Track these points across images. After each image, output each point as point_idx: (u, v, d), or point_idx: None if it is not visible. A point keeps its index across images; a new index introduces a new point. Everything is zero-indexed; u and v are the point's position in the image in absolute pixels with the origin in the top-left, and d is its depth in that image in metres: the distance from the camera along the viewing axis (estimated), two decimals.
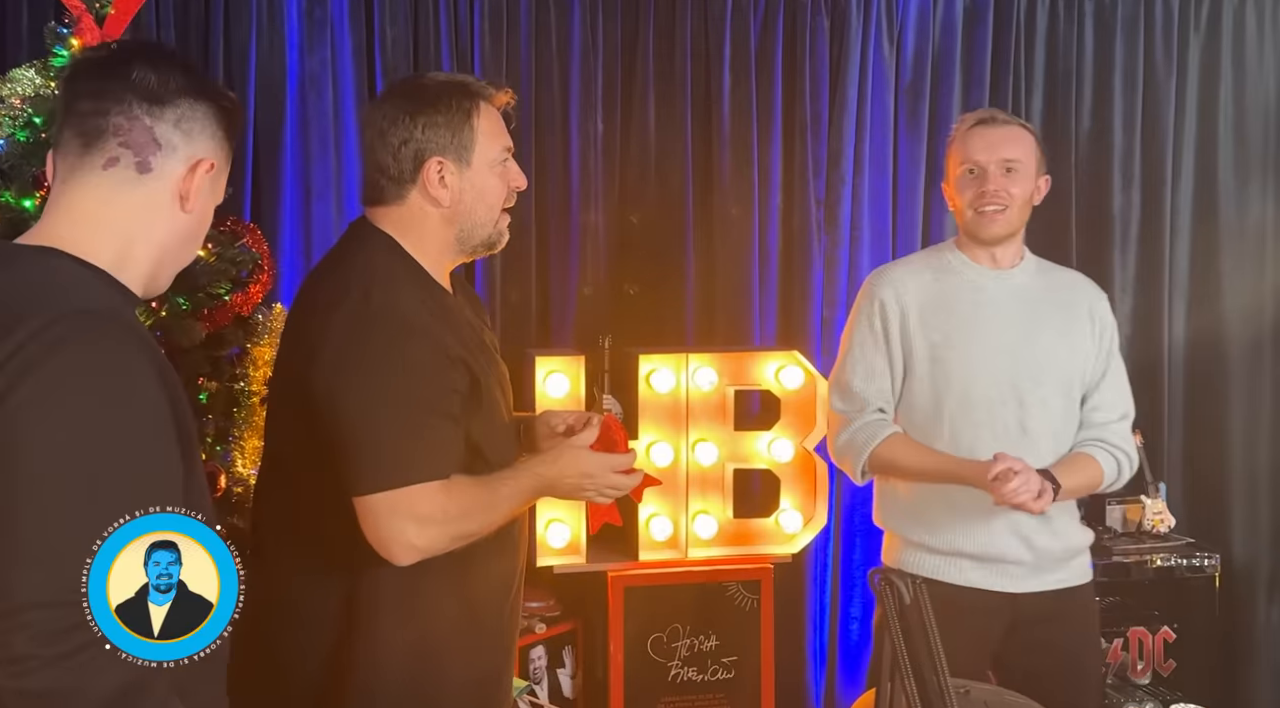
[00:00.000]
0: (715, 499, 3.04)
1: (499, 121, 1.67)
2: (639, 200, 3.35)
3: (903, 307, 2.21)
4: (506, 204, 1.69)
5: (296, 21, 3.11)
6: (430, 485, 1.50)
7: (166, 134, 1.22)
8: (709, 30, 3.33)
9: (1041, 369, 2.17)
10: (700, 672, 2.99)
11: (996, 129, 2.18)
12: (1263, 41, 3.56)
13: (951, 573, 2.17)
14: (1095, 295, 2.29)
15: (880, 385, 2.23)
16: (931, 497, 2.19)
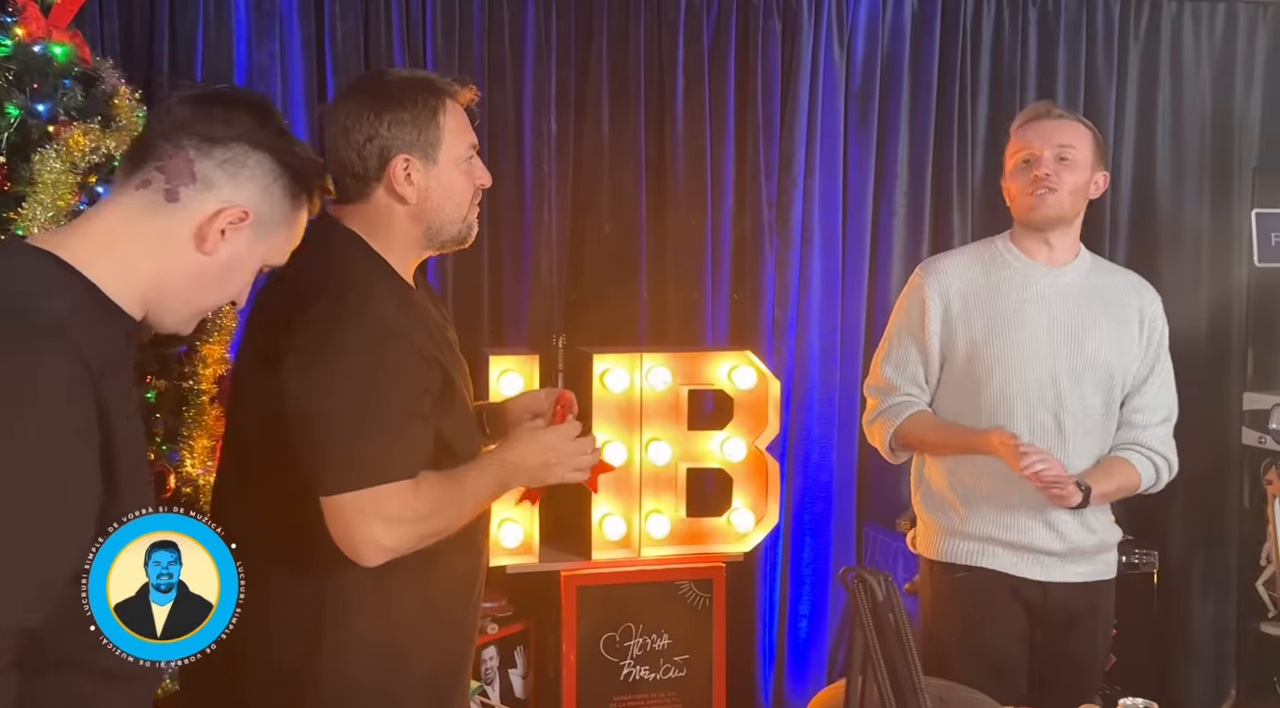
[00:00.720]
0: (668, 498, 3.05)
1: (464, 119, 1.66)
2: (593, 200, 3.35)
3: (946, 298, 2.23)
4: (474, 200, 1.68)
5: (244, 13, 3.06)
6: (399, 485, 1.49)
7: (207, 171, 1.22)
8: (662, 31, 3.34)
9: (1083, 368, 2.18)
10: (652, 670, 3.00)
11: (1052, 121, 2.21)
12: (1199, 49, 3.66)
13: (986, 559, 2.21)
14: (1148, 297, 2.29)
15: (912, 373, 2.27)
16: (966, 487, 2.23)
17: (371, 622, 1.58)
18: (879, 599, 0.97)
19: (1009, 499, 2.18)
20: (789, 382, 3.48)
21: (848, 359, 3.56)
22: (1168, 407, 2.28)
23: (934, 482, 2.30)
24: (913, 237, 3.56)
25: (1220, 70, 3.67)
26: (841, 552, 3.58)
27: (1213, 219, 3.67)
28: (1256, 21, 3.67)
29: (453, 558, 1.64)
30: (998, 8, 3.56)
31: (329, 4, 3.11)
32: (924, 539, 2.33)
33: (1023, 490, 2.15)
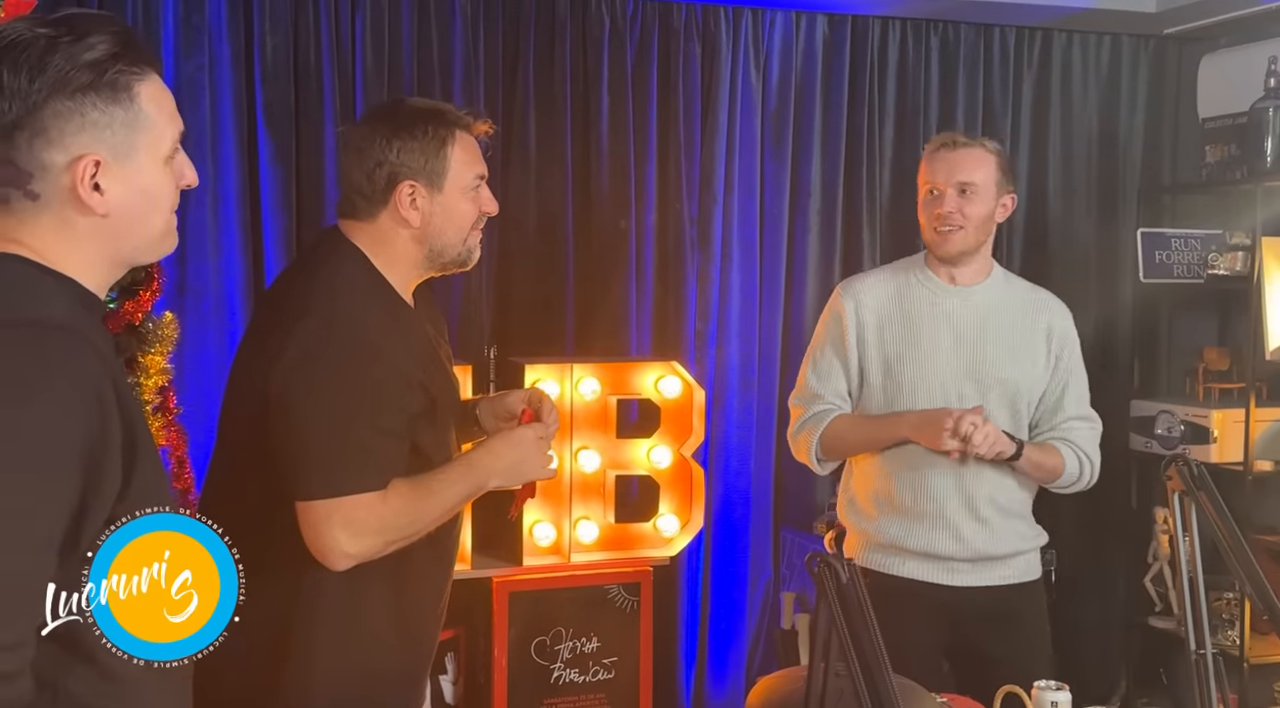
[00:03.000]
0: (596, 505, 3.14)
1: (474, 149, 1.75)
2: (520, 215, 3.42)
3: (861, 318, 2.32)
4: (476, 226, 1.77)
5: (172, 26, 3.05)
6: (367, 496, 1.57)
7: (27, 157, 1.12)
8: (587, 51, 3.44)
9: (988, 384, 2.25)
10: (582, 673, 3.07)
11: (955, 152, 2.26)
12: (1086, 76, 3.91)
13: (895, 566, 2.30)
14: (1057, 313, 2.35)
15: (835, 385, 2.36)
16: (878, 496, 2.32)
17: (342, 622, 1.64)
18: (843, 582, 1.07)
19: (915, 508, 2.27)
20: (710, 391, 3.59)
21: (765, 369, 3.70)
22: (1091, 415, 2.35)
23: (854, 490, 2.40)
24: (825, 252, 3.72)
25: (1106, 98, 3.93)
26: (760, 555, 3.72)
27: (1100, 238, 3.92)
28: (1139, 53, 3.94)
29: (425, 567, 1.71)
30: (902, 36, 3.75)
31: (258, 19, 3.12)
32: (847, 545, 2.42)
33: (934, 499, 2.24)
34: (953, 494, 2.27)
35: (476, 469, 1.68)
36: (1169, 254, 3.58)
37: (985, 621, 2.30)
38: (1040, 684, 1.76)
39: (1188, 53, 3.89)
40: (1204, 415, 3.40)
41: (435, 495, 1.63)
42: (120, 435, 1.10)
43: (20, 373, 1.05)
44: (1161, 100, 3.96)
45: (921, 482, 2.26)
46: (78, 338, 1.10)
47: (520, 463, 1.71)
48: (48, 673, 1.08)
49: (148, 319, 2.26)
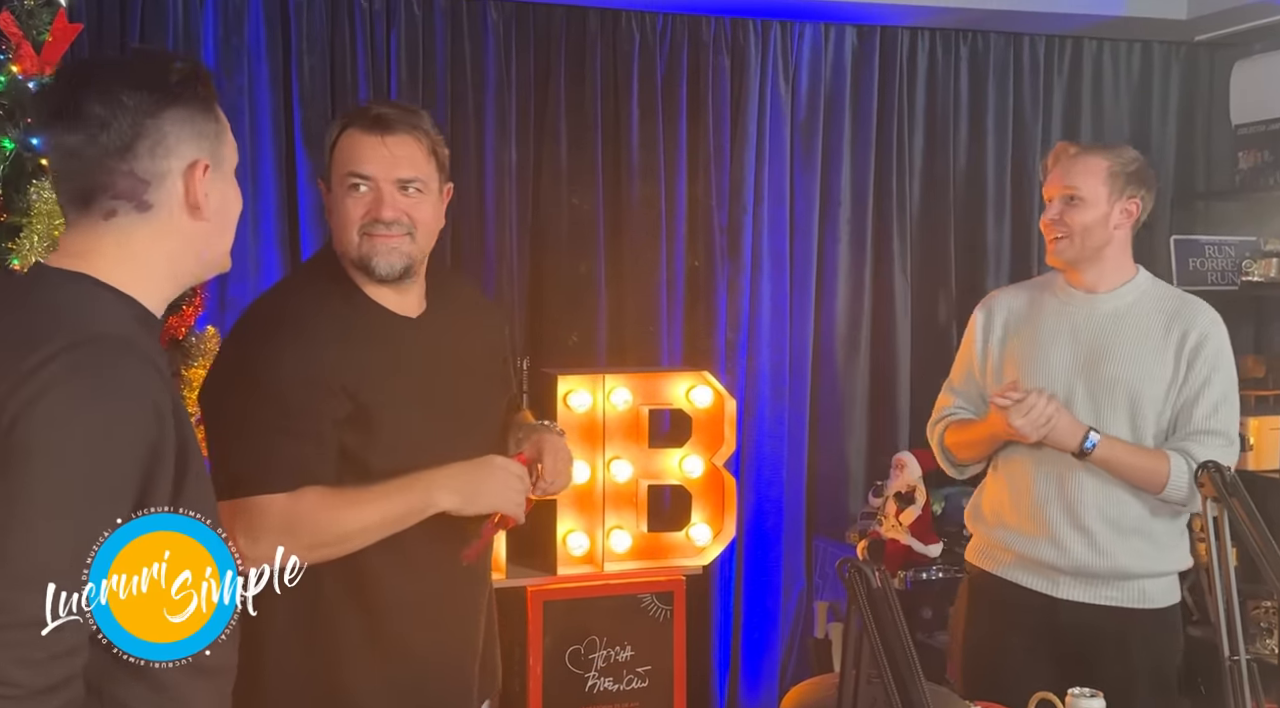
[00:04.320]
0: (629, 514, 3.16)
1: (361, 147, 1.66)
2: (552, 227, 3.47)
3: (991, 325, 2.35)
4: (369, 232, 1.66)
5: (213, 48, 3.13)
6: (263, 498, 1.55)
7: (148, 167, 1.20)
8: (618, 66, 3.48)
9: (1101, 392, 2.21)
10: (616, 682, 3.10)
11: (1066, 162, 2.26)
12: (1118, 84, 3.90)
13: (998, 566, 2.29)
14: (1198, 322, 2.23)
15: (966, 391, 2.38)
16: (993, 501, 2.32)
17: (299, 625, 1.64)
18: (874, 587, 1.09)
19: (1020, 510, 2.25)
20: (741, 400, 3.61)
21: (796, 378, 3.71)
22: (1225, 432, 2.19)
23: (980, 499, 2.40)
24: (855, 261, 3.74)
25: (1138, 106, 3.92)
26: (793, 565, 3.73)
27: (1134, 245, 3.87)
28: (1170, 60, 3.93)
29: (382, 575, 1.66)
30: (931, 45, 3.76)
31: (296, 39, 3.19)
32: (969, 548, 2.42)
33: (1036, 503, 2.21)
34: (1054, 500, 2.21)
35: (423, 485, 1.61)
36: (1203, 261, 3.56)
37: (1091, 641, 2.21)
38: (1075, 692, 1.77)
39: (1220, 59, 3.88)
40: (1240, 423, 3.36)
41: (362, 505, 1.59)
42: (174, 447, 1.14)
43: (86, 383, 1.11)
44: (1194, 107, 3.94)
45: (1027, 486, 2.24)
46: (137, 352, 1.16)
47: (479, 489, 1.63)
48: (94, 679, 1.12)
49: (190, 334, 2.32)
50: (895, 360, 3.77)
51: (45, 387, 1.10)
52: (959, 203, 3.83)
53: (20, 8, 2.15)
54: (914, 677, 1.03)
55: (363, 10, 3.24)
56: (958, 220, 3.83)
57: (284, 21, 3.19)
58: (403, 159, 1.65)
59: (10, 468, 1.08)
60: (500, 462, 1.68)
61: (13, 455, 1.08)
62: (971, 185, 3.83)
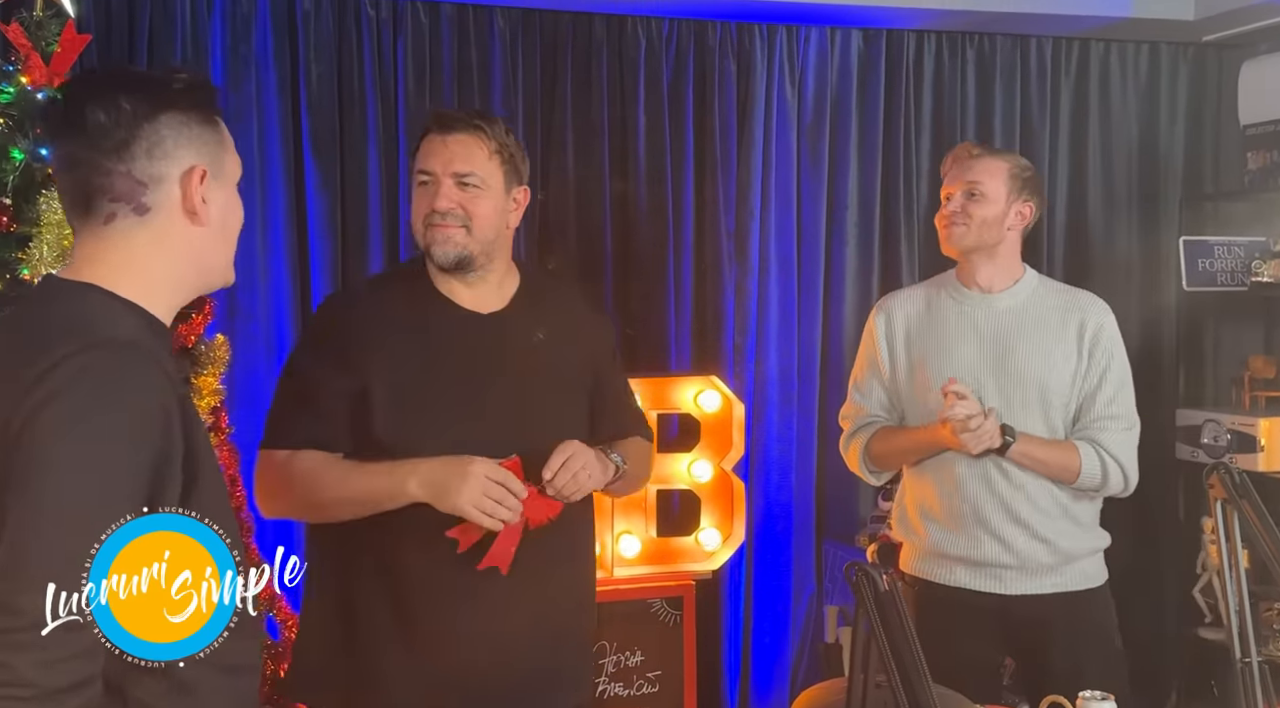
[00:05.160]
0: (638, 519, 3.17)
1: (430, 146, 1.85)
2: (560, 233, 3.47)
3: (891, 329, 2.39)
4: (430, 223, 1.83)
5: (221, 57, 3.14)
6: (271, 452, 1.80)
7: (146, 169, 1.23)
8: (624, 71, 3.49)
9: (1010, 388, 2.27)
10: (626, 687, 3.09)
11: (968, 161, 2.36)
12: (1125, 85, 3.89)
13: (944, 575, 2.32)
14: (1092, 310, 2.33)
15: (876, 397, 2.41)
16: (923, 505, 2.35)
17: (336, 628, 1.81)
18: (881, 590, 1.09)
19: (953, 513, 2.28)
20: (749, 405, 3.60)
21: (804, 382, 3.71)
22: (1126, 416, 2.30)
23: (905, 503, 2.42)
24: (863, 265, 3.73)
25: (1146, 107, 3.90)
26: (802, 569, 3.72)
27: (1143, 247, 3.89)
28: (1178, 61, 3.92)
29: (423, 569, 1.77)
30: (938, 48, 3.76)
31: (303, 48, 3.20)
32: (903, 557, 2.45)
33: (970, 504, 2.25)
34: (987, 498, 2.27)
35: (402, 472, 1.69)
36: (1212, 262, 3.55)
37: (1043, 630, 2.28)
38: (1085, 695, 1.76)
39: (1228, 59, 3.86)
40: (1251, 424, 3.36)
41: (346, 477, 1.72)
42: (182, 450, 1.16)
43: (96, 386, 1.13)
44: (1202, 108, 3.93)
45: (955, 487, 2.28)
46: (145, 356, 1.18)
47: (447, 487, 1.66)
48: (114, 678, 1.13)
49: (200, 342, 2.33)
50: None
51: (52, 394, 1.11)
52: None
53: (29, 19, 2.17)
54: (922, 679, 1.03)
55: (370, 18, 3.25)
56: None
57: (291, 30, 3.20)
58: (459, 155, 1.79)
59: (22, 475, 1.09)
60: (477, 466, 1.68)
61: (23, 463, 1.10)
62: None
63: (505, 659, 1.81)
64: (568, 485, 1.74)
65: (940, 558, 2.32)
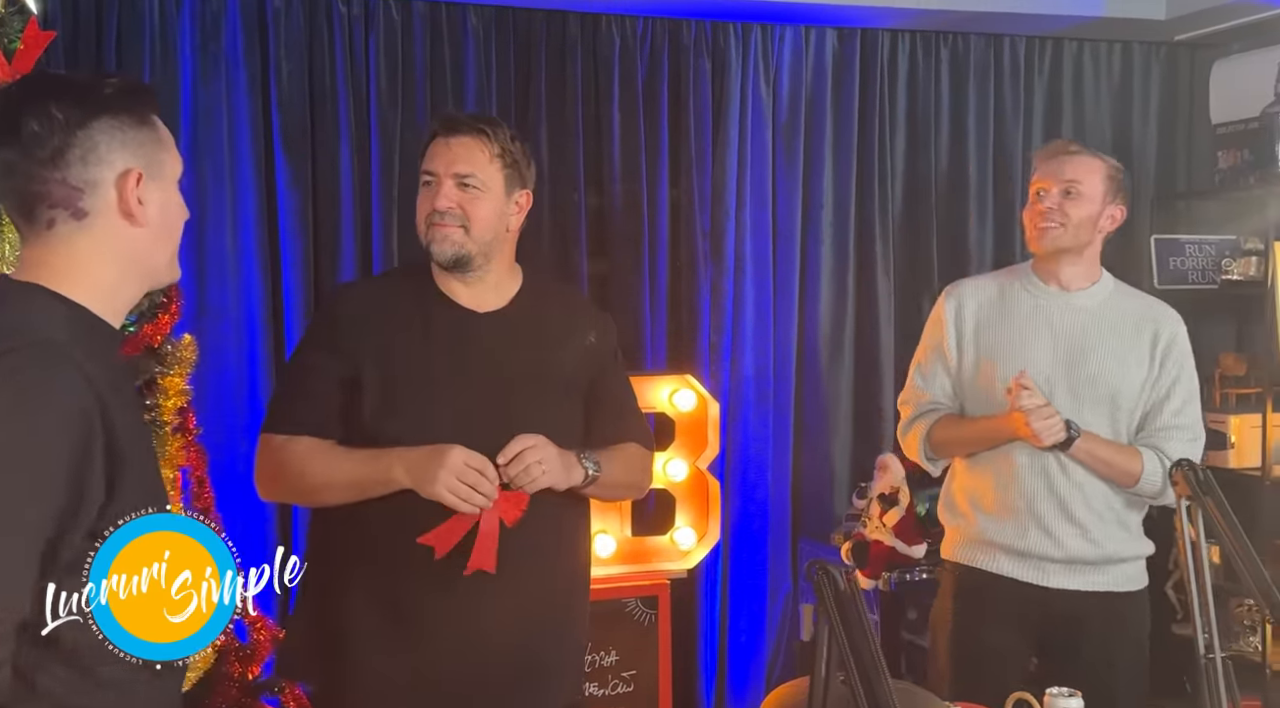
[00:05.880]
0: (613, 519, 3.16)
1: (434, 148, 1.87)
2: (532, 232, 3.45)
3: (961, 318, 2.34)
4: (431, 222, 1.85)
5: (190, 55, 3.12)
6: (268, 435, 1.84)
7: (81, 175, 1.24)
8: (598, 69, 3.48)
9: (1082, 388, 2.25)
10: (601, 687, 3.09)
11: (1066, 157, 2.29)
12: (1098, 84, 3.91)
13: (987, 562, 2.30)
14: (1166, 320, 2.32)
15: (940, 384, 2.37)
16: (973, 494, 2.33)
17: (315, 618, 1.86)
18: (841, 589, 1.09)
19: (1008, 504, 2.27)
20: (725, 403, 3.61)
21: (780, 380, 3.71)
22: (1192, 427, 2.30)
23: (953, 492, 2.41)
24: (839, 263, 3.74)
25: (1118, 106, 3.93)
26: (778, 568, 3.72)
27: (1115, 245, 3.87)
28: (1151, 60, 3.94)
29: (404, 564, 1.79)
30: (912, 48, 3.76)
31: (274, 45, 3.18)
32: (944, 543, 2.44)
33: (1025, 498, 2.24)
34: (1044, 493, 2.25)
35: (389, 459, 1.75)
36: (1183, 260, 3.57)
37: (1079, 626, 2.28)
38: (1053, 691, 1.76)
39: (1199, 59, 3.89)
40: (1222, 421, 3.38)
41: (335, 462, 1.78)
42: (103, 451, 1.16)
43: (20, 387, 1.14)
44: (1175, 107, 3.96)
45: (1013, 479, 2.26)
46: (64, 359, 1.18)
47: (427, 474, 1.71)
48: (24, 667, 1.13)
49: (166, 341, 2.30)
50: (879, 362, 3.77)
51: None
52: (941, 205, 3.83)
53: None
54: (880, 676, 1.03)
55: (341, 15, 3.23)
56: (940, 222, 3.83)
57: (261, 28, 3.18)
58: (461, 157, 1.83)
59: None
60: (456, 452, 1.71)
61: None
62: (953, 187, 3.84)
63: (493, 658, 1.82)
64: (520, 476, 1.75)
65: (985, 545, 2.31)
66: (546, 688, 1.90)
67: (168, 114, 3.01)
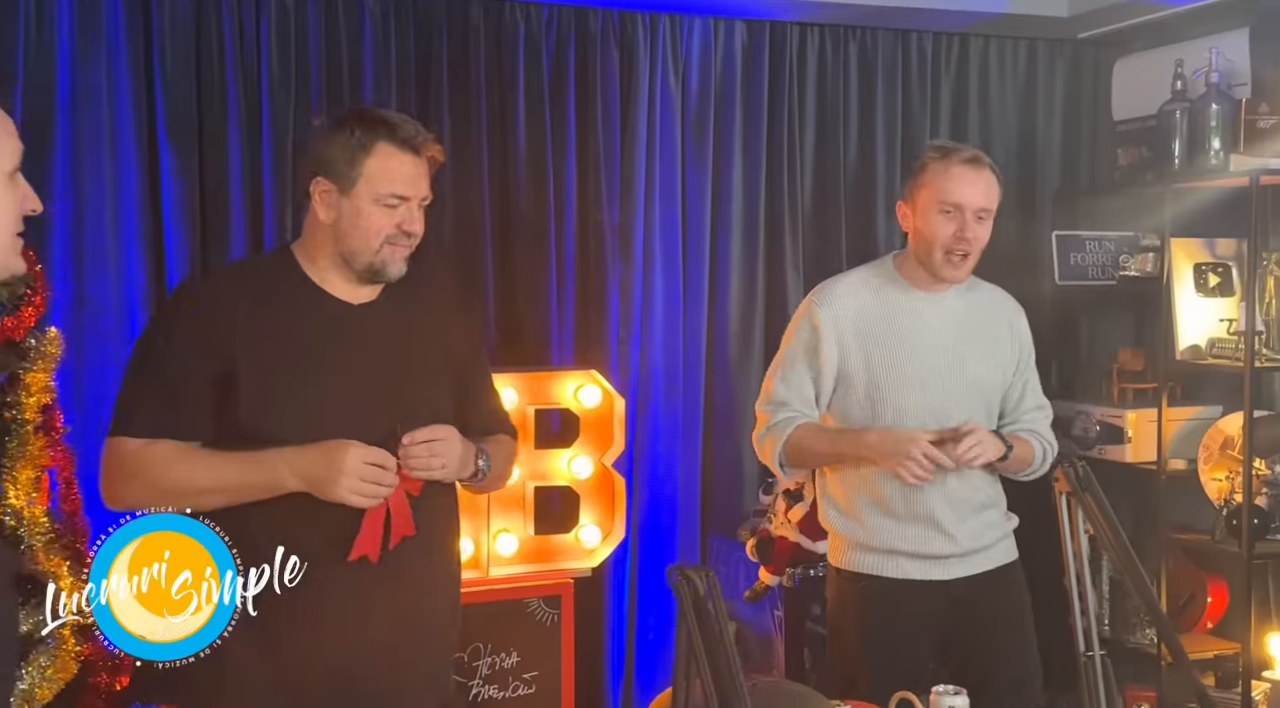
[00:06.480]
0: (516, 517, 3.09)
1: (403, 167, 1.78)
2: (435, 223, 3.36)
3: (839, 327, 2.28)
4: (393, 242, 1.79)
5: (68, 33, 2.97)
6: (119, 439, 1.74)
7: None
8: (503, 58, 3.40)
9: (967, 390, 2.29)
10: (501, 688, 3.02)
11: (981, 174, 2.24)
12: (1004, 81, 3.94)
13: (890, 568, 2.31)
14: (1014, 311, 2.42)
15: (804, 394, 2.33)
16: (866, 501, 2.32)
17: None
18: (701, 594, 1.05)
19: (907, 511, 2.28)
20: (634, 399, 3.57)
21: (690, 375, 3.68)
22: (1047, 403, 2.44)
23: (836, 497, 2.38)
24: (749, 257, 3.71)
25: (1024, 103, 3.96)
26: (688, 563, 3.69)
27: (1019, 241, 3.94)
28: (1055, 58, 3.98)
29: None
30: (820, 42, 3.75)
31: (157, 26, 3.04)
32: (832, 549, 2.42)
33: (919, 502, 2.26)
34: (939, 497, 2.29)
35: (274, 463, 1.68)
36: (1083, 256, 3.61)
37: (974, 605, 2.34)
38: (938, 689, 1.75)
39: (1103, 57, 3.94)
40: (1119, 416, 3.43)
41: (214, 467, 1.69)
42: None
43: None
44: (1079, 104, 4.00)
45: (910, 487, 2.26)
46: None
47: (324, 475, 1.66)
48: None
49: (29, 335, 2.19)
50: None
51: None
52: (850, 199, 3.82)
53: None
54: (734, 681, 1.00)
55: None
56: (849, 217, 3.82)
57: (145, 7, 3.03)
58: (424, 179, 1.83)
59: None
60: (351, 453, 1.67)
61: None
62: (862, 182, 3.83)
63: (362, 657, 1.78)
64: (419, 459, 1.74)
65: (886, 552, 2.31)
66: (419, 687, 1.87)
67: (42, 97, 2.92)
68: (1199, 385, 3.50)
